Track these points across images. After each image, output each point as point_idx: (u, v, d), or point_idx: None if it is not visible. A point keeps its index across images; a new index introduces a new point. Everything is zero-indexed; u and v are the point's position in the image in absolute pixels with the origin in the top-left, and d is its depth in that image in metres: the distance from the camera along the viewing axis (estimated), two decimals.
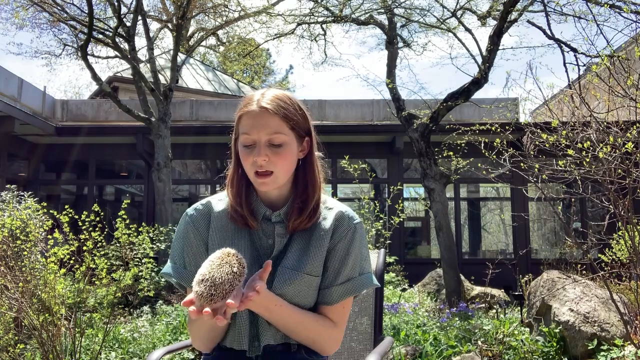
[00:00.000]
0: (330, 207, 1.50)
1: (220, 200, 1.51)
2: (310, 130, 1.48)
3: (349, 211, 1.50)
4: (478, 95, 7.69)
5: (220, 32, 16.59)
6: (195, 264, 1.41)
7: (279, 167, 1.40)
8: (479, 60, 7.27)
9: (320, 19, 8.92)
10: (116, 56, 11.70)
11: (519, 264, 9.56)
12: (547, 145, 4.20)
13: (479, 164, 5.74)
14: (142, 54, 12.93)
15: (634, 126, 3.84)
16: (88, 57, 9.53)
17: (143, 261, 5.19)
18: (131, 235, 4.70)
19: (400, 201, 8.82)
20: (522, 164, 4.45)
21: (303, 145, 1.47)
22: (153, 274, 6.22)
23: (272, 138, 1.38)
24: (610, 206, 3.92)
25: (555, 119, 4.17)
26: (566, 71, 6.16)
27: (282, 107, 1.40)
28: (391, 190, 10.38)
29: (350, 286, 1.45)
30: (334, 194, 11.05)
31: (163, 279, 6.95)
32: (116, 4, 9.27)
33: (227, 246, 1.37)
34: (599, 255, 6.43)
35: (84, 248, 3.98)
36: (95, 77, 9.42)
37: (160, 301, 6.61)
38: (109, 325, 4.27)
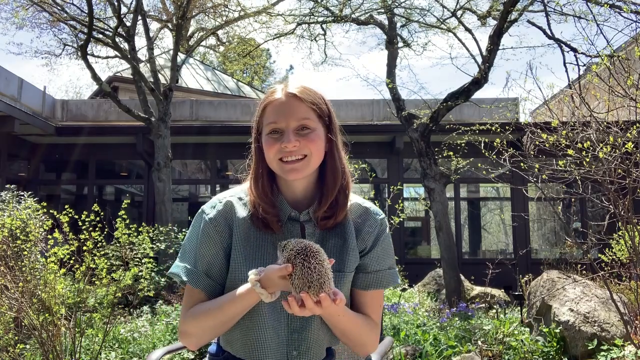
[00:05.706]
0: (355, 202, 1.47)
1: (240, 200, 1.41)
2: (334, 123, 1.42)
3: (373, 206, 1.47)
4: (478, 95, 7.70)
5: (220, 32, 16.61)
6: (209, 267, 1.36)
7: (312, 151, 1.33)
8: (479, 60, 7.27)
9: (320, 19, 8.92)
10: (116, 56, 11.71)
11: (519, 264, 9.56)
12: (547, 145, 4.20)
13: (479, 164, 5.74)
14: (142, 54, 12.97)
15: (634, 126, 3.84)
16: (88, 57, 9.54)
17: (143, 261, 5.18)
18: (131, 235, 4.70)
19: (400, 201, 8.80)
20: (522, 164, 4.45)
21: (328, 137, 1.40)
22: (153, 274, 6.22)
23: (302, 123, 1.33)
24: (610, 206, 3.92)
25: (555, 119, 4.16)
26: (566, 71, 6.19)
27: (309, 94, 1.37)
28: (391, 190, 10.38)
29: (378, 277, 1.41)
30: None
31: (163, 279, 6.94)
32: (116, 4, 9.27)
33: (252, 258, 1.34)
34: (599, 255, 6.42)
35: (84, 248, 3.98)
36: (95, 77, 9.42)
37: (160, 301, 6.61)
38: (109, 325, 4.26)
